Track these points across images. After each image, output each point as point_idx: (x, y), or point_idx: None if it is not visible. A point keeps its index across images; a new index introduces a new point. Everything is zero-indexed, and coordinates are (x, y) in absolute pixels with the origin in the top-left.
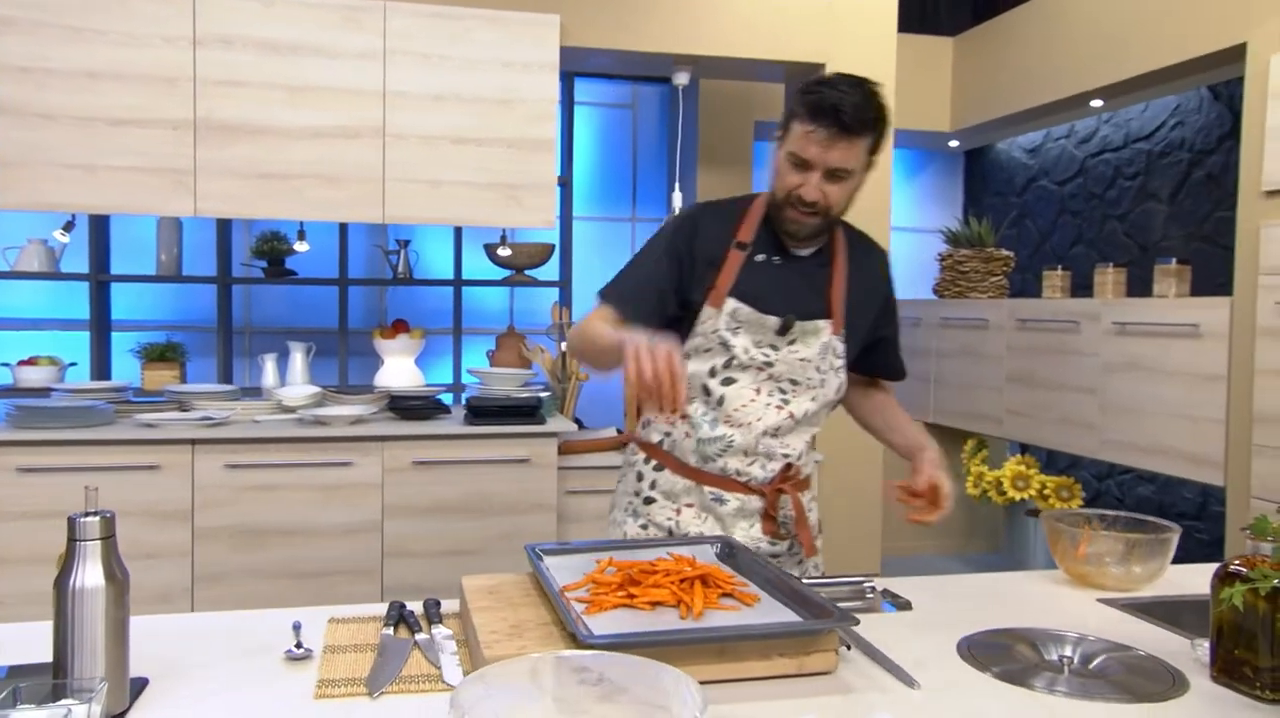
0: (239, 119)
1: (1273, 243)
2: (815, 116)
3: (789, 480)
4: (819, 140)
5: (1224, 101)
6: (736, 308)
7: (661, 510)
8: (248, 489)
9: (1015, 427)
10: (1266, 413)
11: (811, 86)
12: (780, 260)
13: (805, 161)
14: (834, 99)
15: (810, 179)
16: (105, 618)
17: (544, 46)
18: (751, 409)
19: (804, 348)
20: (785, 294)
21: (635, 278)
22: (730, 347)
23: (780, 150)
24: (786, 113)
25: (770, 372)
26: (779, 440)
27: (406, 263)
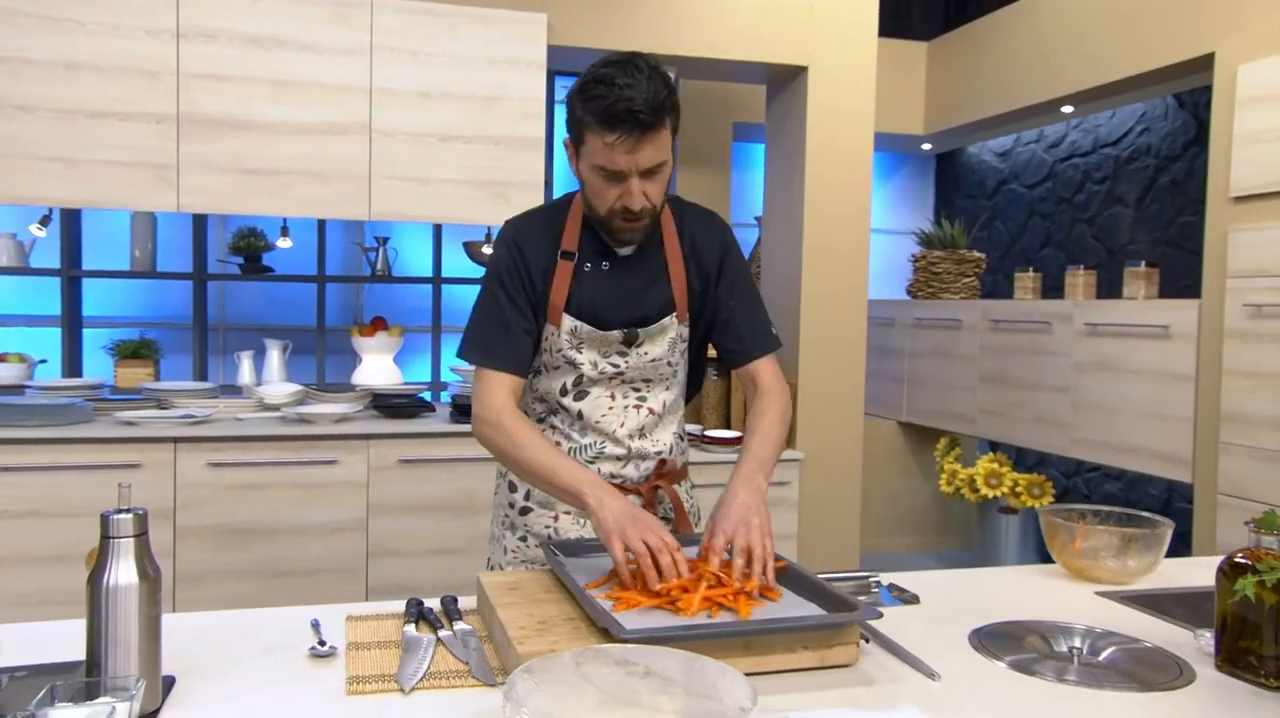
0: (223, 113)
1: (1240, 247)
2: (612, 124)
3: (664, 476)
4: (625, 148)
5: (1189, 109)
6: (575, 326)
7: (539, 519)
8: (231, 488)
9: (988, 426)
10: (1233, 412)
11: (591, 88)
12: (609, 265)
13: (617, 172)
14: (624, 102)
15: (629, 188)
16: (139, 616)
17: (531, 44)
18: (612, 416)
19: (653, 348)
20: (623, 300)
21: (498, 327)
22: (578, 364)
23: (582, 163)
24: (573, 122)
25: (622, 377)
26: (648, 439)
27: (385, 260)
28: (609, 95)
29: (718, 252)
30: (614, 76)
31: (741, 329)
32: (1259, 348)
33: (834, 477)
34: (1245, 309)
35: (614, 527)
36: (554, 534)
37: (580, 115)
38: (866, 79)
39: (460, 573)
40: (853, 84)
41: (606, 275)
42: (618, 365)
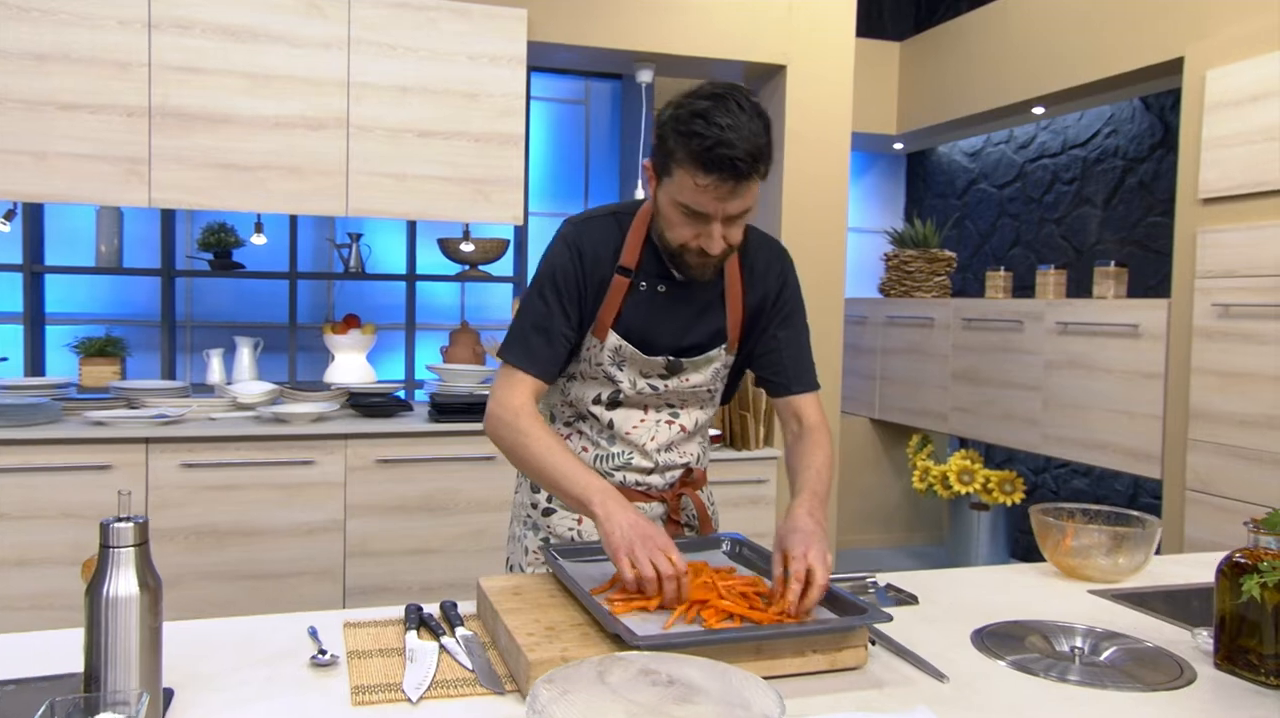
0: (197, 107)
1: (1209, 248)
2: (707, 168)
3: (689, 484)
4: (716, 193)
5: (1155, 112)
6: (620, 345)
7: (562, 521)
8: (205, 489)
9: (960, 423)
10: (1201, 409)
11: (689, 123)
12: (665, 288)
13: (702, 214)
14: (725, 150)
15: (710, 231)
16: (140, 628)
17: (511, 40)
18: (643, 429)
19: (696, 375)
20: (674, 326)
21: (542, 331)
22: (616, 381)
23: (663, 193)
24: (662, 151)
25: (659, 396)
26: (676, 452)
27: (359, 257)
28: (708, 136)
29: (777, 282)
30: (714, 114)
31: (787, 362)
32: (1226, 347)
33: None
34: (1213, 309)
35: (621, 543)
36: (578, 537)
37: (673, 148)
38: (844, 78)
39: (439, 574)
40: (831, 83)
41: (661, 298)
42: (657, 388)
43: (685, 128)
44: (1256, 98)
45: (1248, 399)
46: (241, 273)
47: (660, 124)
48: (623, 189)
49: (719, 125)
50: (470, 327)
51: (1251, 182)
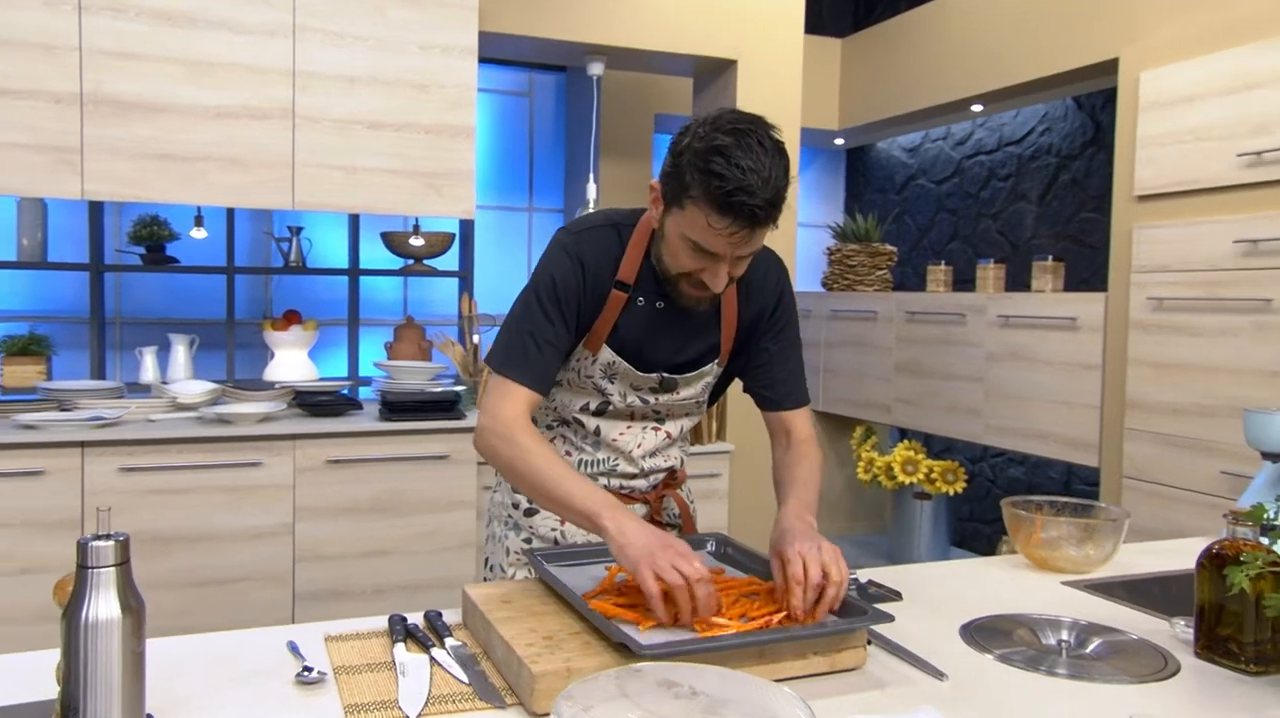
0: (133, 94)
1: (1143, 243)
2: (723, 212)
3: (671, 485)
4: (729, 238)
5: (1086, 111)
6: (614, 360)
7: (545, 522)
8: (146, 494)
9: (904, 414)
10: (1137, 400)
11: (711, 165)
12: (663, 304)
13: (711, 253)
14: (744, 198)
15: (717, 270)
16: (122, 653)
17: (463, 30)
18: (629, 436)
19: (687, 389)
20: (670, 343)
21: (539, 343)
22: (606, 393)
23: (670, 222)
24: (677, 181)
25: (648, 407)
26: (661, 457)
27: (299, 251)
28: (729, 179)
29: (774, 296)
30: (736, 154)
31: (778, 375)
32: (1161, 339)
33: (761, 467)
34: (1148, 302)
35: (642, 555)
36: (561, 538)
37: (689, 182)
38: (793, 74)
39: (393, 576)
40: (780, 78)
41: (658, 315)
42: (647, 401)
43: (704, 164)
44: (1189, 99)
45: (1180, 389)
46: (176, 268)
47: (677, 152)
48: (568, 184)
49: (740, 168)
50: (415, 322)
51: (1184, 180)
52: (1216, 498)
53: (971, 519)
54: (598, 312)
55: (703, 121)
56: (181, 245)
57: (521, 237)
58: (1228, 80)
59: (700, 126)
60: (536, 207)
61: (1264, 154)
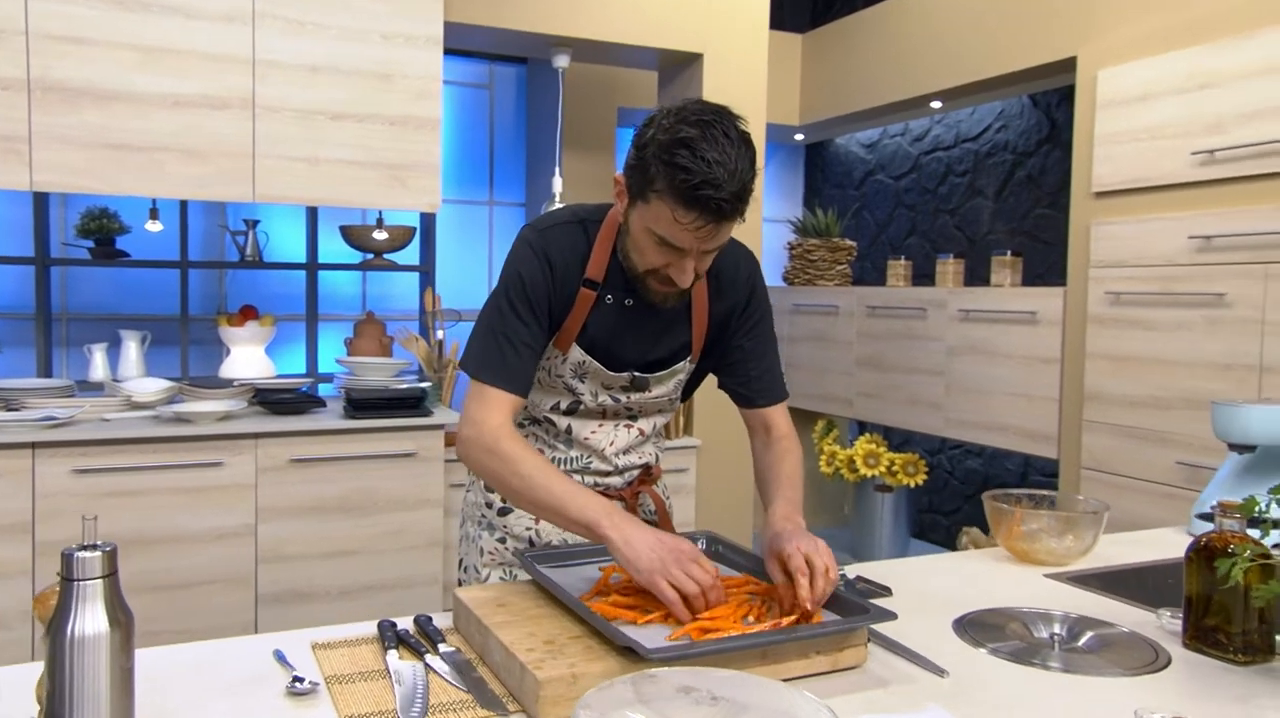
0: (83, 81)
1: (1101, 239)
2: (689, 205)
3: (646, 482)
4: (695, 232)
5: (1042, 109)
6: (584, 359)
7: (519, 521)
8: (100, 497)
9: (865, 408)
10: (1095, 392)
11: (676, 158)
12: (632, 302)
13: (677, 248)
14: (710, 191)
15: (684, 264)
16: (110, 669)
17: (427, 20)
18: (601, 434)
19: (659, 388)
20: (640, 341)
21: (514, 345)
22: (577, 392)
23: (634, 216)
24: (641, 174)
25: (620, 405)
26: (635, 454)
27: (255, 245)
28: (694, 173)
29: (745, 291)
30: (702, 146)
31: (754, 372)
32: (1118, 332)
33: (728, 462)
34: (1106, 297)
35: (656, 565)
36: (536, 537)
37: (654, 175)
38: (759, 68)
39: (359, 577)
40: (746, 72)
41: (627, 312)
42: (619, 400)
43: (669, 157)
44: (1145, 98)
45: (1137, 382)
46: (127, 262)
47: (641, 144)
48: (530, 178)
49: (706, 160)
50: (375, 317)
51: (1141, 177)
52: (1172, 488)
53: (930, 511)
54: (567, 310)
55: (667, 113)
56: (132, 239)
57: (482, 231)
58: (1182, 80)
59: (665, 118)
60: (497, 200)
61: (1217, 152)
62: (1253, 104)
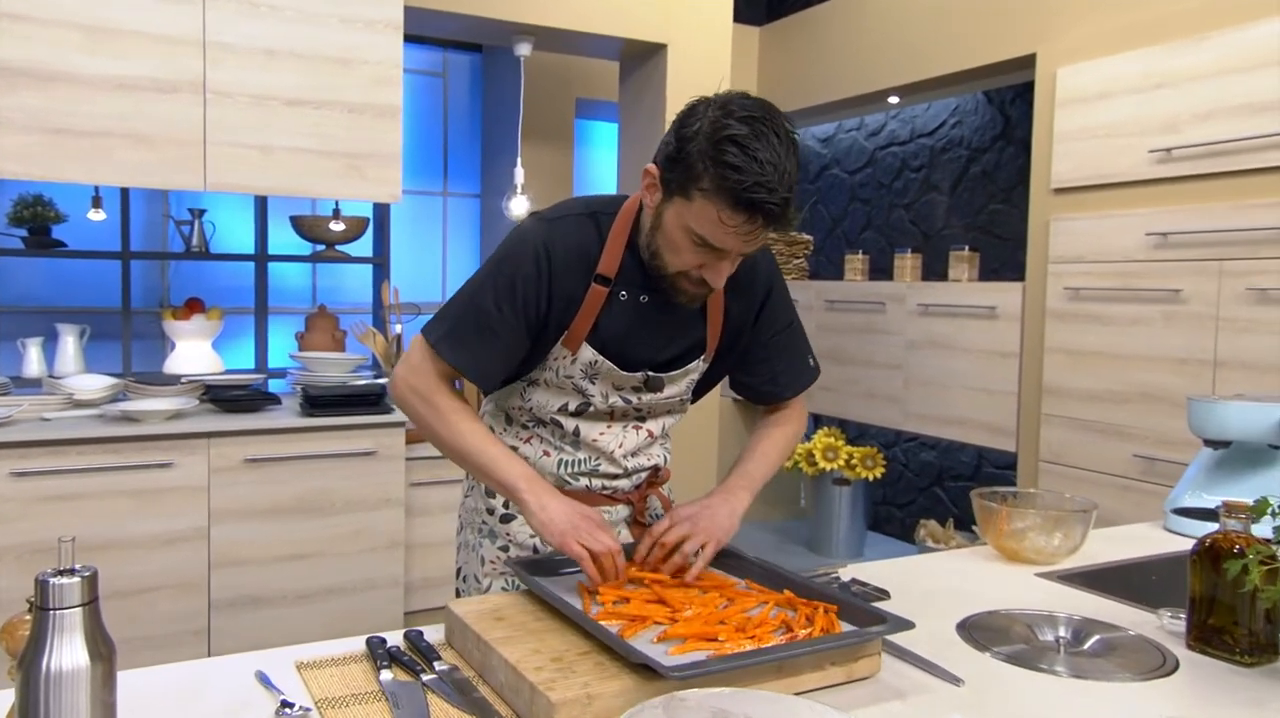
0: (22, 61)
1: (1060, 235)
2: (737, 207)
3: (654, 484)
4: (740, 234)
5: (996, 106)
6: (596, 359)
7: (523, 528)
8: (42, 501)
9: (824, 401)
10: (1054, 386)
11: (726, 156)
12: (647, 298)
13: (717, 249)
14: (763, 195)
15: (720, 267)
16: (91, 705)
17: (387, 4)
18: (610, 435)
19: (671, 388)
20: (654, 339)
21: (480, 328)
22: (588, 394)
23: (674, 217)
24: (684, 170)
25: (630, 407)
26: (643, 456)
27: (202, 235)
28: (746, 173)
29: (763, 286)
30: (753, 145)
31: (777, 368)
32: (1077, 327)
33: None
34: (1065, 292)
35: (566, 528)
36: (541, 544)
37: (700, 172)
38: (722, 59)
39: (317, 579)
40: (710, 64)
41: (642, 309)
42: (630, 401)
43: (718, 154)
44: (1103, 96)
45: (1094, 376)
46: (63, 252)
47: (683, 137)
48: (485, 168)
49: (758, 161)
50: (328, 310)
51: (1099, 174)
52: (1129, 480)
53: (885, 503)
54: (568, 309)
55: (711, 104)
56: (69, 228)
57: (436, 222)
58: (1140, 79)
59: (710, 109)
60: (452, 191)
61: (1173, 150)
62: (1207, 104)
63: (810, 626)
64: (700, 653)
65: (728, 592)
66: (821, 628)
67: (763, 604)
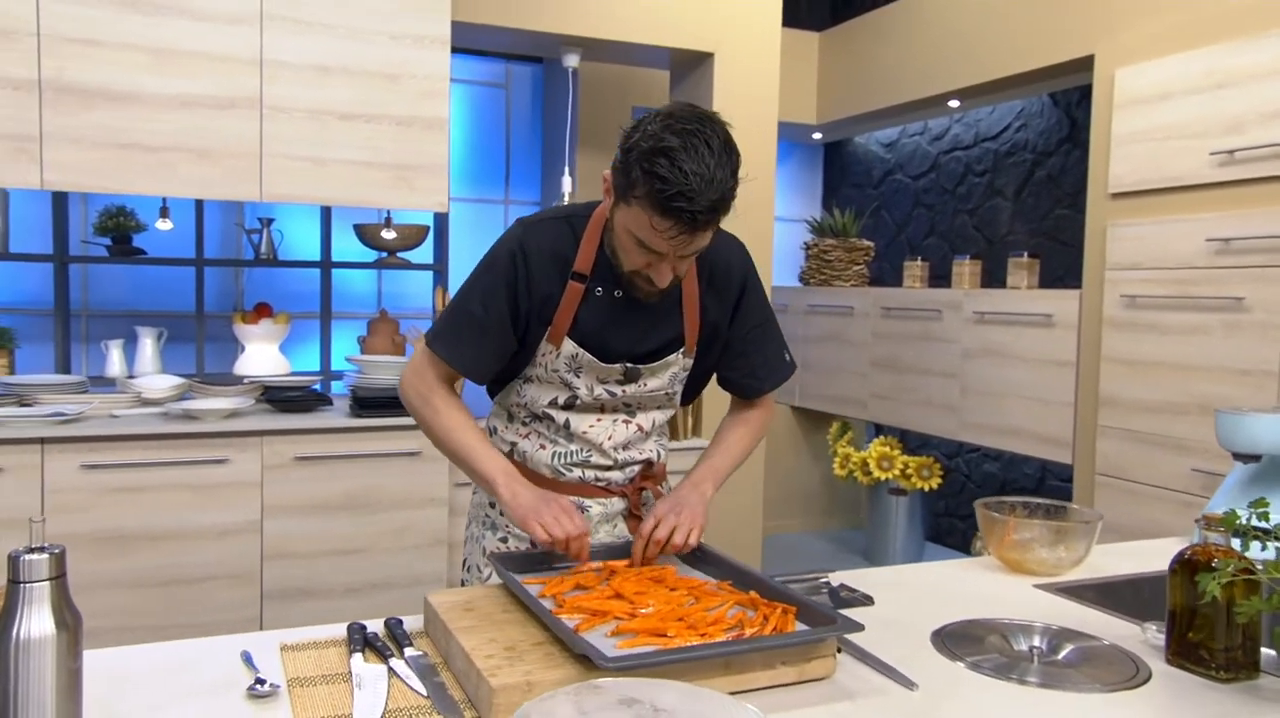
0: (95, 82)
1: (1118, 241)
2: (664, 214)
3: (649, 478)
4: (670, 239)
5: (1062, 108)
6: (577, 352)
7: None
8: (108, 492)
9: (879, 410)
10: (1110, 397)
11: (655, 167)
12: (621, 293)
13: (655, 251)
14: (684, 203)
15: (661, 267)
16: (56, 672)
17: (435, 20)
18: (600, 428)
19: (654, 380)
20: (631, 332)
21: (469, 327)
22: (573, 387)
23: (620, 219)
24: (625, 177)
25: (617, 399)
26: (635, 450)
27: (270, 243)
28: (671, 183)
29: (738, 283)
30: (681, 157)
31: (755, 362)
32: (1134, 336)
33: None
34: (1122, 300)
35: (529, 509)
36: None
37: (635, 179)
38: (771, 67)
39: (363, 574)
40: (758, 71)
41: (618, 304)
42: (614, 394)
43: (649, 165)
44: (1163, 97)
45: (1152, 387)
46: (143, 259)
47: (626, 148)
48: (545, 177)
49: (683, 172)
50: (389, 315)
51: (1158, 178)
52: (1188, 496)
53: (947, 515)
54: (548, 305)
55: (654, 118)
56: (149, 236)
57: (497, 229)
58: (1201, 79)
59: (651, 123)
60: (513, 199)
61: (1236, 153)
62: (1272, 103)
63: (765, 625)
64: (649, 648)
65: (696, 591)
66: (775, 628)
67: (725, 604)
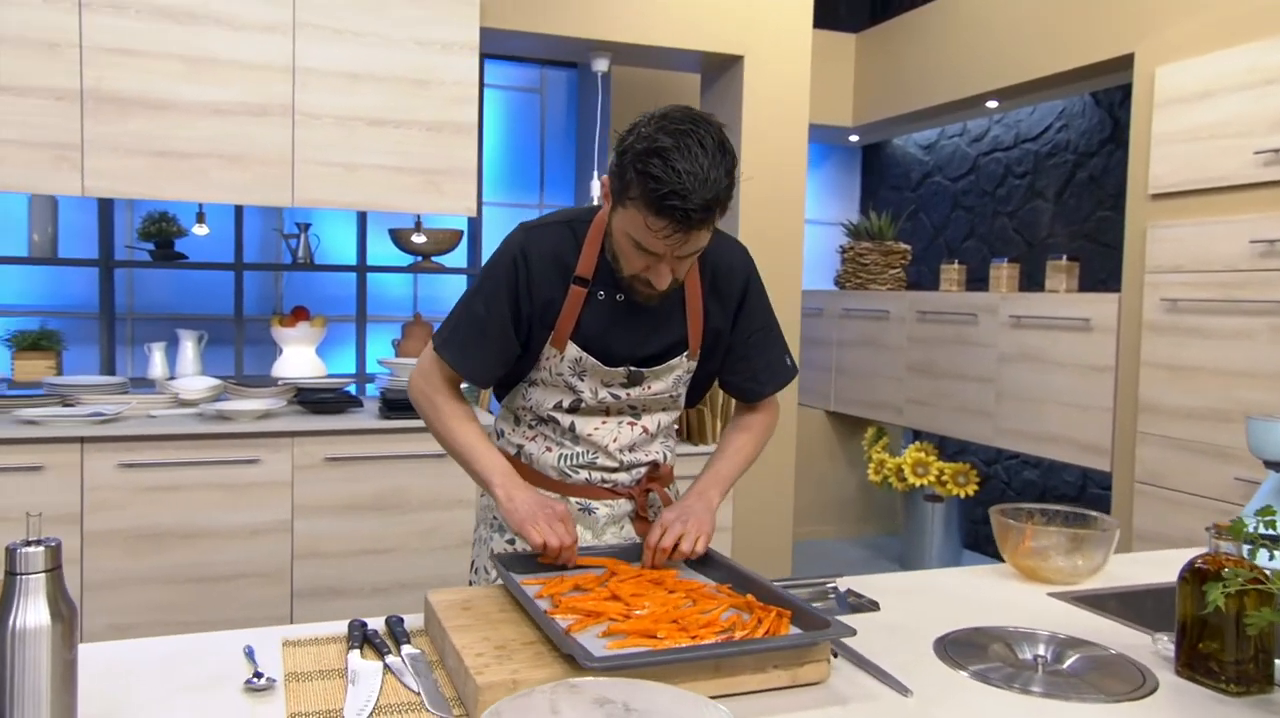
0: (133, 91)
1: (1158, 243)
2: (658, 213)
3: (656, 480)
4: (666, 239)
5: (1105, 108)
6: (580, 356)
7: None
8: (144, 490)
9: (915, 415)
10: (1150, 403)
11: (649, 167)
12: (624, 297)
13: (652, 253)
14: (677, 202)
15: (659, 269)
16: (51, 662)
17: (464, 26)
18: (605, 431)
19: (657, 383)
20: (634, 335)
21: (472, 330)
22: (578, 390)
23: (617, 222)
24: (620, 179)
25: (621, 402)
26: (640, 452)
27: (307, 247)
28: (664, 182)
29: (740, 286)
30: (674, 157)
31: (757, 366)
32: (1174, 341)
33: (769, 467)
34: (1162, 303)
35: (526, 514)
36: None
37: (629, 181)
38: (802, 70)
39: (391, 574)
40: (788, 74)
41: (620, 308)
42: (619, 396)
43: (643, 166)
44: (1205, 95)
45: (1194, 393)
46: (184, 264)
47: (620, 150)
48: (579, 181)
49: (677, 171)
50: (423, 319)
51: (1199, 178)
52: (1230, 504)
53: (985, 522)
54: (549, 309)
55: (649, 120)
56: (191, 241)
57: None
58: (1244, 76)
59: (645, 125)
60: (548, 204)
61: None
62: None
63: (757, 628)
64: (637, 649)
65: (694, 593)
66: (767, 631)
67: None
